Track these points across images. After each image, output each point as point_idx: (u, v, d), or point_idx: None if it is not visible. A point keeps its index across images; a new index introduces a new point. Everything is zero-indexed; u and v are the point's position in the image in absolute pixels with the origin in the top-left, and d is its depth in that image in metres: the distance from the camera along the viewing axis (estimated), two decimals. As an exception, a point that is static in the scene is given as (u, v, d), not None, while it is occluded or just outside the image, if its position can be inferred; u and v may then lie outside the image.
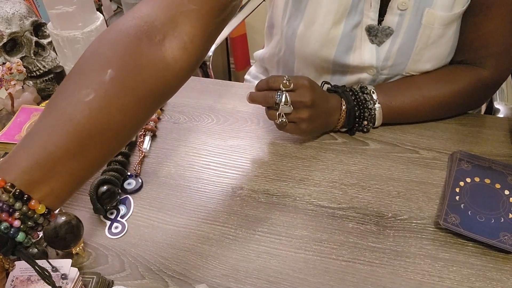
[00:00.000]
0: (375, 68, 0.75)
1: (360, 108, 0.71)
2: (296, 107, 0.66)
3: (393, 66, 0.74)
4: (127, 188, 0.67)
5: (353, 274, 0.56)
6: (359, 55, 0.74)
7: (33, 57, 0.79)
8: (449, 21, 0.70)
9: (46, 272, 0.44)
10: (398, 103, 0.73)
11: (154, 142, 0.75)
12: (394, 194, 0.65)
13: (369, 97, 0.72)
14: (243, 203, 0.64)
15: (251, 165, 0.70)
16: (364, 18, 0.71)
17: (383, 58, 0.74)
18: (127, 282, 0.55)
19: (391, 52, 0.73)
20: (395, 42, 0.72)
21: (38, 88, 0.81)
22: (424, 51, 0.72)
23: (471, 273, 0.56)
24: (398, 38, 0.72)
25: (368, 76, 0.77)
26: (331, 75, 0.79)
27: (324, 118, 0.70)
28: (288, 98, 0.65)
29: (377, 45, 0.73)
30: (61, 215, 0.56)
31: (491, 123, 0.77)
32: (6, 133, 0.66)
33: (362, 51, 0.73)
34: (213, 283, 0.55)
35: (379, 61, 0.74)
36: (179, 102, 0.83)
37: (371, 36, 0.72)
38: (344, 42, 0.72)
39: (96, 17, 0.77)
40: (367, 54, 0.73)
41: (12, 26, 0.77)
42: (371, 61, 0.74)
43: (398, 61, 0.74)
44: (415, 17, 0.70)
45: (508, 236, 0.57)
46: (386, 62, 0.74)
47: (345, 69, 0.76)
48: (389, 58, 0.73)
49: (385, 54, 0.73)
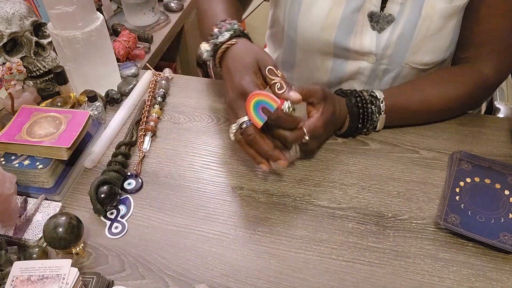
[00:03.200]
0: (374, 56, 0.76)
1: (364, 121, 0.71)
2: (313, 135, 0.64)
3: (392, 55, 0.75)
4: (127, 188, 0.67)
5: (353, 274, 0.56)
6: (359, 40, 0.75)
7: (33, 57, 0.79)
8: (449, 14, 0.70)
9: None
10: (401, 105, 0.73)
11: (154, 142, 0.75)
12: (394, 194, 0.65)
13: (376, 109, 0.71)
14: (243, 203, 0.64)
15: (251, 165, 0.70)
16: (366, 3, 0.72)
17: (382, 46, 0.74)
18: (127, 282, 0.55)
19: (390, 40, 0.74)
20: (395, 31, 0.73)
21: (38, 88, 0.81)
22: (423, 43, 0.73)
23: (471, 273, 0.56)
24: (398, 27, 0.72)
25: (368, 65, 0.77)
26: (332, 61, 0.80)
27: (334, 127, 0.72)
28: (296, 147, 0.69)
29: (377, 32, 0.74)
30: (61, 215, 0.56)
31: (491, 123, 0.77)
32: (6, 133, 0.66)
33: (363, 37, 0.74)
34: (213, 283, 0.55)
35: (379, 49, 0.75)
36: (179, 102, 0.83)
37: (373, 22, 0.73)
38: (345, 24, 0.73)
39: (96, 17, 0.77)
40: (367, 40, 0.74)
41: (12, 26, 0.77)
42: (370, 47, 0.75)
43: (397, 51, 0.74)
44: (415, 7, 0.70)
45: (508, 236, 0.57)
46: (386, 51, 0.75)
47: (346, 54, 0.77)
48: (388, 46, 0.74)
49: (385, 42, 0.74)
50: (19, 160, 0.65)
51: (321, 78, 0.84)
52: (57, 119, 0.69)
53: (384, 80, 0.79)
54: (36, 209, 0.62)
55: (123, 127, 0.77)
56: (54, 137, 0.65)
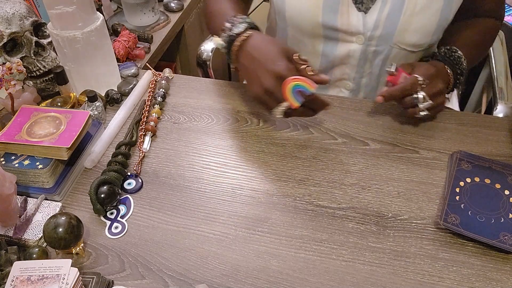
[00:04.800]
0: (363, 36, 0.78)
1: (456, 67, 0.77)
2: (434, 96, 0.71)
3: (381, 36, 0.77)
4: (127, 188, 0.67)
5: (353, 274, 0.56)
6: (346, 20, 0.77)
7: (33, 57, 0.79)
8: None
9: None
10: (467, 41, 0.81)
11: (154, 142, 0.75)
12: (394, 194, 0.65)
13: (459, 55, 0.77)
14: (243, 203, 0.64)
15: (251, 165, 0.70)
16: None
17: (372, 27, 0.77)
18: (127, 282, 0.55)
19: (380, 20, 0.76)
20: (384, 10, 0.75)
21: (38, 88, 0.81)
22: (411, 19, 0.75)
23: (471, 273, 0.56)
24: (386, 6, 0.75)
25: (358, 47, 0.80)
26: (323, 44, 0.82)
27: (443, 80, 0.76)
28: (425, 95, 0.71)
29: (364, 12, 0.76)
30: (61, 215, 0.56)
31: (491, 123, 0.77)
32: (6, 133, 0.66)
33: (349, 16, 0.77)
34: (213, 283, 0.55)
35: (367, 29, 0.77)
36: (179, 102, 0.83)
37: (357, 4, 0.76)
38: (329, 4, 0.76)
39: (96, 17, 0.77)
40: (354, 20, 0.77)
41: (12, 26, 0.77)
42: (358, 27, 0.77)
43: (386, 30, 0.77)
44: None
45: (508, 236, 0.57)
46: (375, 32, 0.77)
47: (335, 35, 0.79)
48: (378, 27, 0.77)
49: (374, 22, 0.76)
50: (19, 160, 0.65)
51: (313, 64, 0.85)
52: (57, 119, 0.69)
53: (374, 63, 0.82)
54: (36, 209, 0.62)
55: (123, 127, 0.77)
56: (54, 137, 0.65)
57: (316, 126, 0.76)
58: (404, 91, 0.71)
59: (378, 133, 0.75)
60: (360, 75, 0.85)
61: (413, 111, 0.72)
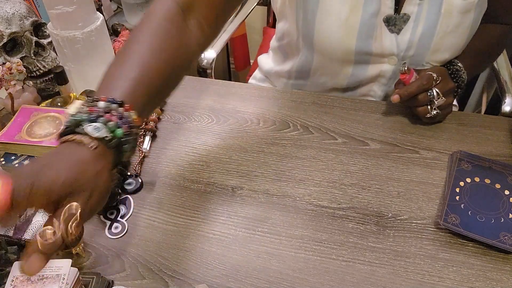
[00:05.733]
0: (396, 57, 0.77)
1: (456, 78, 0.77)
2: (447, 94, 0.72)
3: (414, 56, 0.77)
4: (127, 188, 0.67)
5: (353, 274, 0.56)
6: (380, 43, 0.76)
7: (33, 57, 0.79)
8: (466, 9, 0.72)
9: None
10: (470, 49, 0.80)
11: (154, 142, 0.75)
12: (394, 194, 0.65)
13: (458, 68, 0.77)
14: (243, 203, 0.64)
15: (251, 165, 0.70)
16: (382, 7, 0.73)
17: (405, 48, 0.76)
18: (127, 282, 0.55)
19: (413, 42, 0.75)
20: (416, 31, 0.74)
21: (38, 88, 0.81)
22: (443, 40, 0.74)
23: (471, 273, 0.56)
24: (418, 27, 0.73)
25: (389, 67, 0.78)
26: (352, 67, 0.80)
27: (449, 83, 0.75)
28: (439, 91, 0.71)
29: (396, 34, 0.75)
30: (61, 215, 0.56)
31: (491, 123, 0.77)
32: (6, 133, 0.66)
33: (383, 39, 0.75)
34: (213, 283, 0.55)
35: (400, 50, 0.76)
36: (179, 102, 0.83)
37: (390, 26, 0.74)
38: (364, 31, 0.74)
39: (96, 17, 0.77)
40: (387, 42, 0.75)
41: (12, 26, 0.77)
42: (391, 49, 0.76)
43: (419, 51, 0.76)
44: (434, 6, 0.71)
45: (508, 236, 0.57)
46: (408, 52, 0.76)
47: (367, 59, 0.78)
48: (411, 47, 0.76)
49: (407, 44, 0.75)
50: (19, 160, 0.65)
51: (339, 83, 0.84)
52: (57, 119, 0.69)
53: None
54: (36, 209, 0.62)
55: (123, 127, 0.77)
56: (54, 137, 0.65)
57: (316, 126, 0.76)
58: (420, 87, 0.70)
59: (378, 133, 0.75)
60: (385, 93, 0.84)
61: (424, 110, 0.72)
